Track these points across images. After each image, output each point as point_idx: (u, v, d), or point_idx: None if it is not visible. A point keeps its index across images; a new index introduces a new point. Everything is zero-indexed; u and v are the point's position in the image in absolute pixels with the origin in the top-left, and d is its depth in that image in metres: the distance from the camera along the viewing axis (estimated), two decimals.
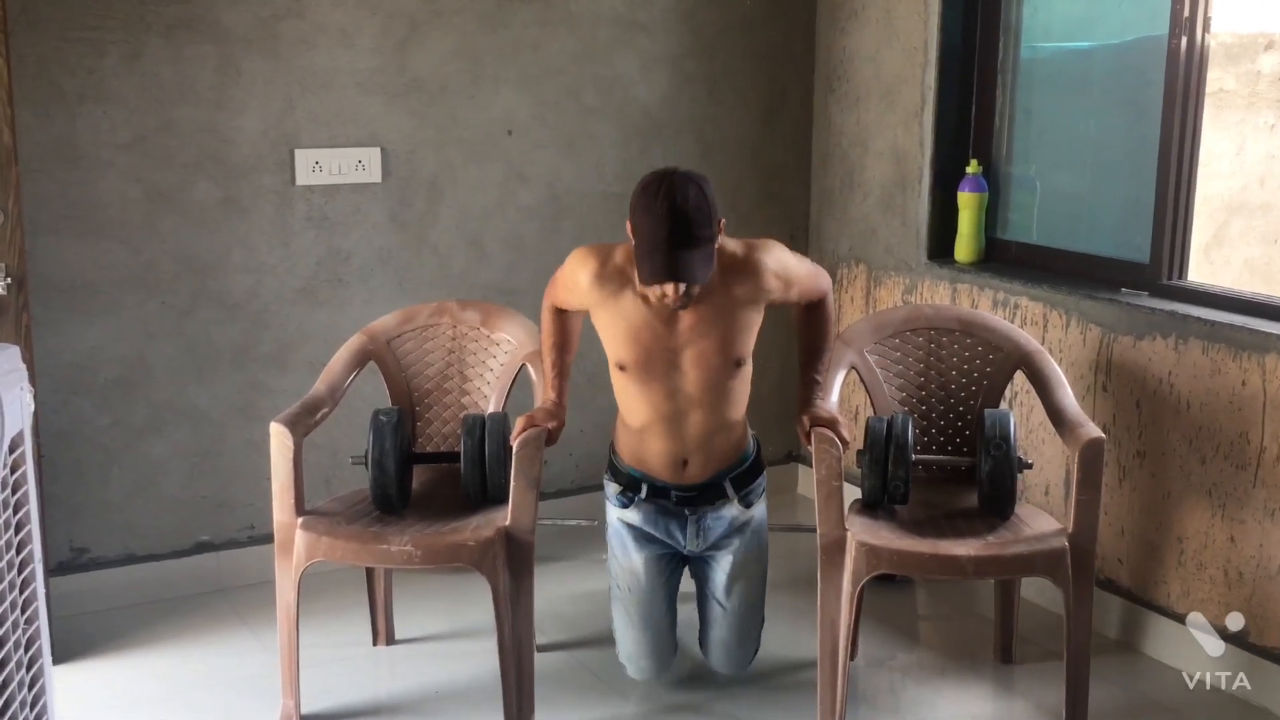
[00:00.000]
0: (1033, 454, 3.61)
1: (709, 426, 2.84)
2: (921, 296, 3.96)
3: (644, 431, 2.86)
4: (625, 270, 2.76)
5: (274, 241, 3.67)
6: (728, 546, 2.97)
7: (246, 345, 3.69)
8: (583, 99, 4.01)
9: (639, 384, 2.80)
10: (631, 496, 2.92)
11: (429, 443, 3.33)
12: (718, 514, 2.94)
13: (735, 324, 2.77)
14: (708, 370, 2.77)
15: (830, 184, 4.30)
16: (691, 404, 2.81)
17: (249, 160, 3.61)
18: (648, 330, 2.75)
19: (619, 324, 2.77)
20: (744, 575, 3.00)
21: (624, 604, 3.04)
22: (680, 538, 2.96)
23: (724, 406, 2.84)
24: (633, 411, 2.86)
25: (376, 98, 3.73)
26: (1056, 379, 3.16)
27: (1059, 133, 3.84)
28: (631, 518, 2.94)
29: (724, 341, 2.76)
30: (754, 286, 2.79)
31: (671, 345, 2.76)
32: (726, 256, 2.79)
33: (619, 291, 2.77)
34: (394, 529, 2.96)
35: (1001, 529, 2.99)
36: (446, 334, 3.37)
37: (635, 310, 2.76)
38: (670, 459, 2.87)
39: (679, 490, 2.90)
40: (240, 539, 3.77)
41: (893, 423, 3.02)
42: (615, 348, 2.79)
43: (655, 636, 3.05)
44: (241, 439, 3.71)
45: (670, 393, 2.79)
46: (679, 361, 2.77)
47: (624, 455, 2.94)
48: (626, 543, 2.96)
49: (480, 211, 3.93)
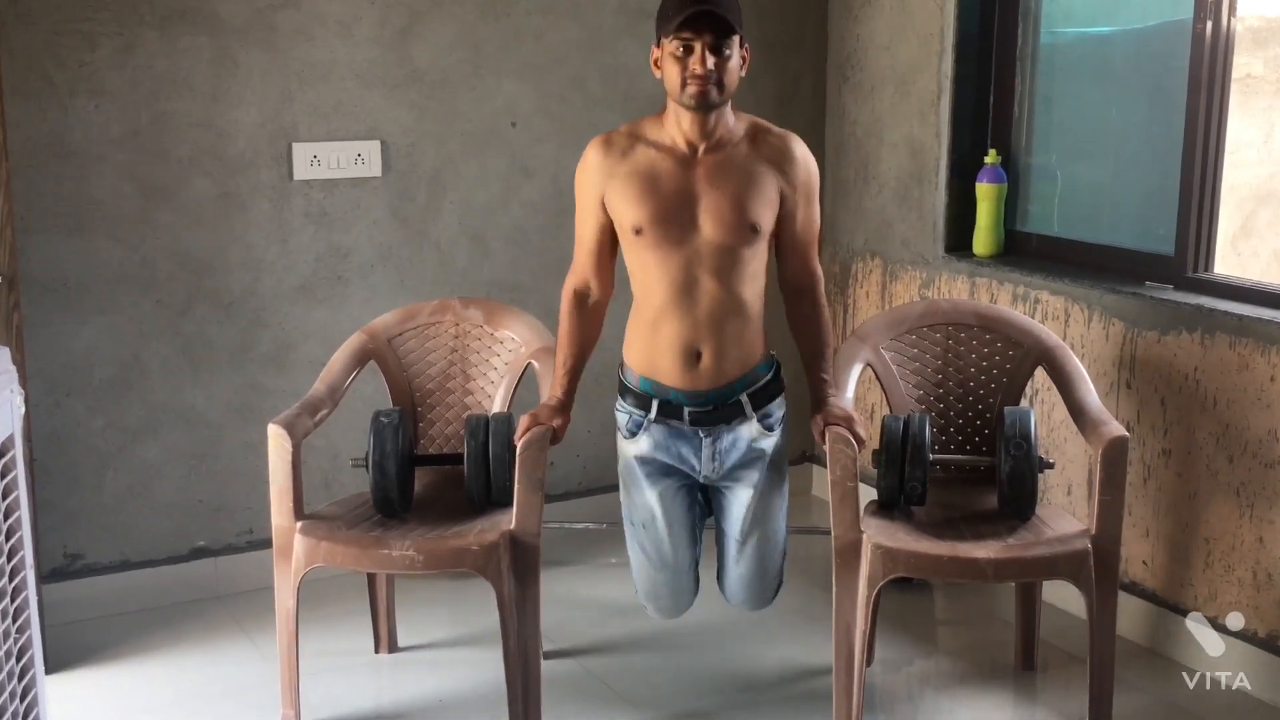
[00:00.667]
0: (1054, 453, 3.60)
1: (722, 303, 2.78)
2: (939, 291, 3.96)
3: (658, 314, 2.80)
4: (632, 131, 2.83)
5: (272, 238, 3.68)
6: (745, 479, 2.91)
7: (244, 345, 3.70)
8: (588, 89, 4.01)
9: (655, 248, 2.76)
10: (641, 419, 2.88)
11: (431, 444, 3.33)
12: (734, 435, 2.88)
13: (752, 181, 2.78)
14: (722, 227, 2.75)
15: (844, 176, 4.30)
16: (705, 271, 2.76)
17: (245, 155, 3.61)
18: (664, 176, 2.76)
19: (634, 180, 2.78)
20: (763, 510, 2.94)
21: (639, 541, 2.97)
22: (694, 462, 2.89)
23: (737, 280, 2.79)
24: (648, 288, 2.80)
25: (376, 90, 3.73)
26: (1078, 375, 3.15)
27: (1080, 121, 3.84)
28: (642, 446, 2.88)
29: (739, 197, 2.75)
30: (780, 160, 2.81)
31: (687, 190, 2.75)
32: (761, 127, 2.85)
33: (630, 149, 2.81)
34: (395, 533, 2.96)
35: (1022, 530, 2.98)
36: (449, 332, 3.37)
37: (649, 159, 2.78)
38: (683, 348, 2.80)
39: (692, 404, 2.84)
40: (238, 544, 3.77)
41: (909, 421, 3.01)
42: (631, 210, 2.77)
43: (674, 575, 2.98)
44: (239, 441, 3.72)
45: (686, 258, 2.76)
46: (694, 214, 2.76)
47: (633, 362, 2.88)
48: (638, 477, 2.91)
49: (483, 206, 3.93)
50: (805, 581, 3.65)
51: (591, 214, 2.86)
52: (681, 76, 2.71)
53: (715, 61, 2.71)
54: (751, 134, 2.83)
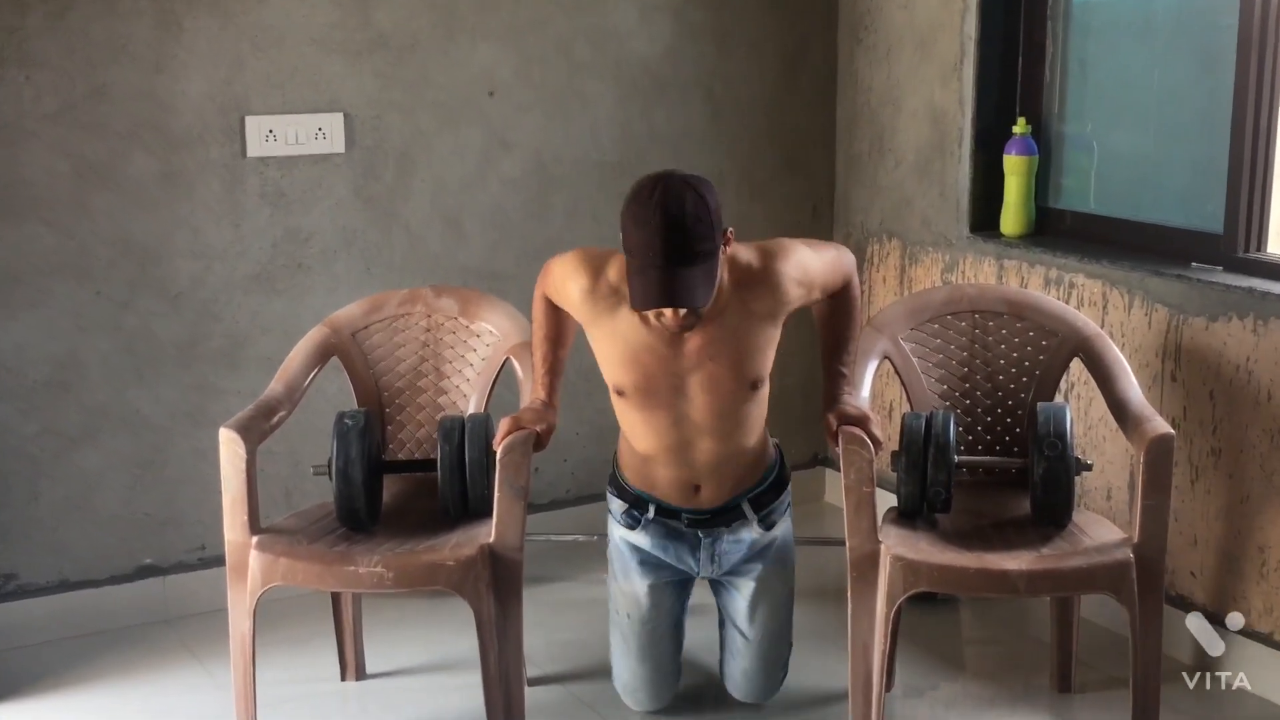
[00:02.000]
0: (1092, 453, 3.59)
1: (721, 454, 2.85)
2: (963, 275, 3.95)
3: (648, 458, 2.87)
4: (621, 286, 2.75)
5: (223, 222, 3.67)
6: (748, 572, 2.99)
7: (193, 340, 3.69)
8: (574, 54, 3.99)
9: (640, 411, 2.80)
10: (638, 516, 2.92)
11: (401, 449, 3.33)
12: (735, 537, 2.95)
13: (751, 343, 2.77)
14: (719, 396, 2.77)
15: (858, 149, 4.29)
16: (700, 432, 2.81)
17: (193, 129, 3.60)
18: (648, 353, 2.74)
19: (615, 345, 2.76)
20: (767, 602, 3.02)
21: (622, 631, 3.06)
22: (692, 563, 2.97)
23: (738, 433, 2.84)
24: (636, 438, 2.87)
25: (337, 56, 3.72)
26: (1119, 367, 3.15)
27: (1119, 85, 3.83)
28: (638, 540, 2.95)
29: (738, 364, 2.76)
30: (773, 300, 2.78)
31: (676, 369, 2.76)
32: (740, 268, 2.78)
33: (614, 309, 2.76)
34: (362, 548, 2.96)
35: (1057, 539, 2.98)
36: (420, 325, 3.36)
37: (633, 330, 2.75)
38: (680, 485, 2.88)
39: (691, 513, 2.90)
40: (189, 561, 3.76)
41: (932, 420, 3.01)
42: (612, 371, 2.79)
43: (655, 670, 3.07)
44: (189, 447, 3.71)
45: (676, 421, 2.79)
46: (685, 387, 2.77)
47: (628, 475, 2.94)
48: (629, 566, 2.97)
49: (458, 185, 3.92)
50: (818, 598, 3.65)
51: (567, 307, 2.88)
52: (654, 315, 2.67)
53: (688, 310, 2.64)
54: (734, 283, 2.75)
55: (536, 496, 4.09)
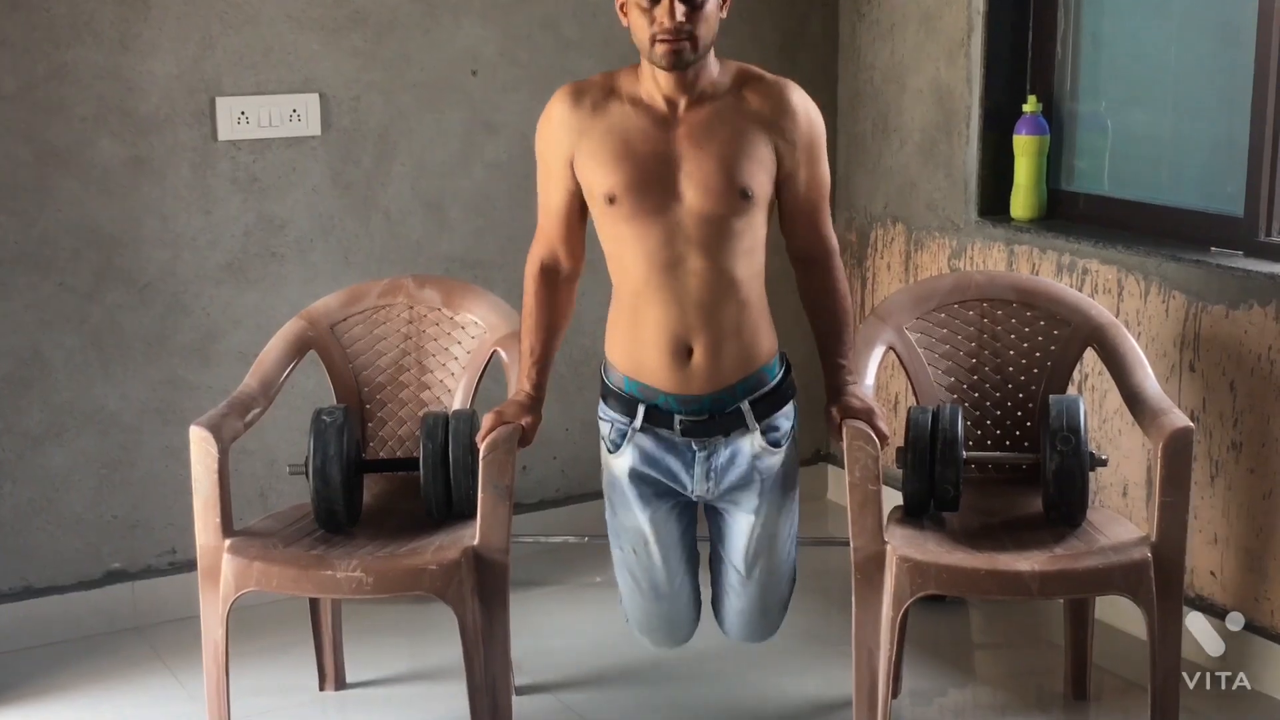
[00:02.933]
0: (1107, 448, 3.59)
1: (713, 283, 2.76)
2: (971, 262, 3.95)
3: (638, 300, 2.78)
4: (604, 83, 2.80)
5: (193, 209, 3.66)
6: (745, 504, 2.89)
7: (162, 334, 3.68)
8: (561, 31, 3.99)
9: (631, 220, 2.75)
10: (625, 427, 2.85)
11: (382, 447, 3.32)
12: (732, 447, 2.85)
13: (741, 141, 2.76)
14: (708, 195, 2.73)
15: (860, 130, 4.28)
16: (690, 246, 2.74)
17: (161, 111, 3.59)
18: (640, 137, 2.75)
19: (607, 142, 2.76)
20: (768, 539, 2.92)
21: (629, 567, 2.97)
22: (685, 479, 2.87)
23: (729, 256, 2.76)
24: (625, 268, 2.79)
25: (312, 34, 3.71)
26: (1134, 358, 3.15)
27: (1134, 62, 3.82)
28: (628, 460, 2.87)
29: (726, 160, 2.74)
30: (773, 112, 2.79)
31: (667, 155, 2.74)
32: (752, 75, 2.82)
33: (602, 105, 2.79)
34: (341, 551, 2.95)
35: (1071, 539, 2.97)
36: (401, 316, 3.36)
37: (624, 117, 2.77)
38: (670, 341, 2.77)
39: (684, 409, 2.81)
40: (159, 566, 3.75)
41: (939, 414, 3.01)
42: (604, 176, 2.76)
43: (671, 604, 2.99)
44: (159, 446, 3.70)
45: (668, 231, 2.73)
46: (675, 182, 2.74)
47: (616, 359, 2.86)
48: (628, 497, 2.90)
49: (440, 169, 3.91)
50: (821, 600, 3.65)
51: (558, 177, 2.83)
52: (649, 31, 2.68)
53: (686, 11, 2.66)
54: (739, 83, 2.80)
55: (524, 496, 4.08)
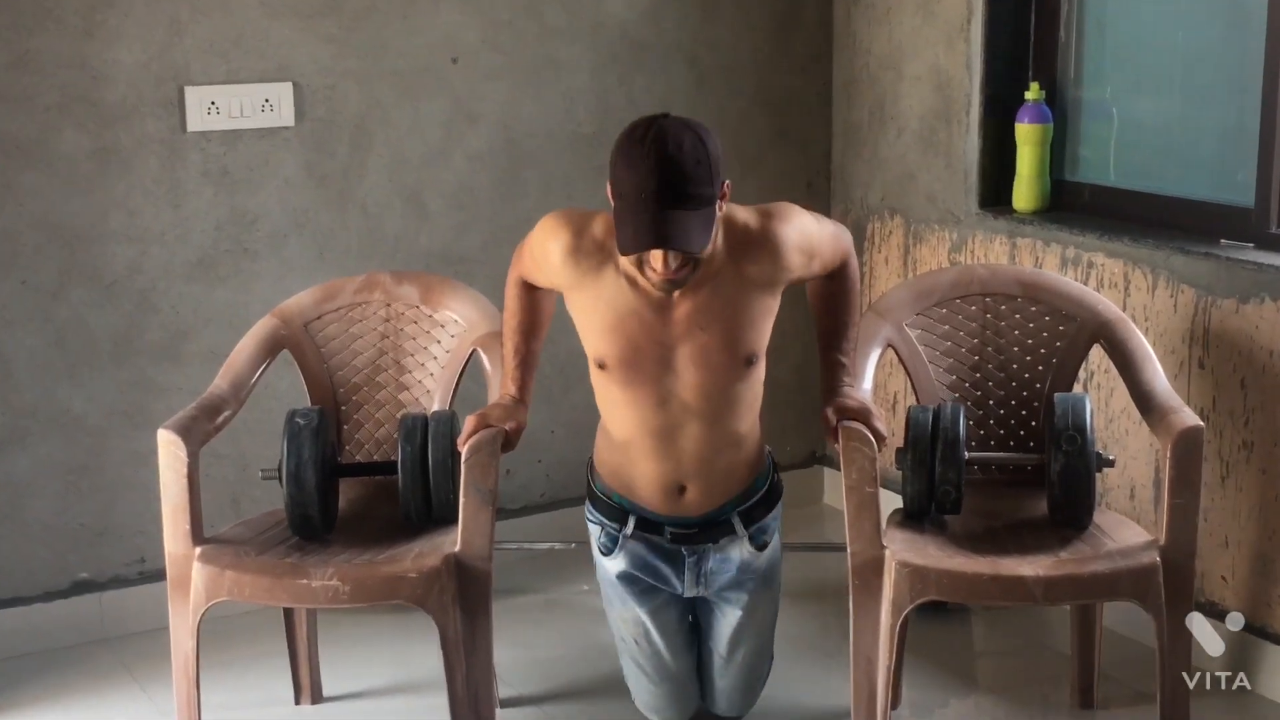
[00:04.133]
0: (1114, 448, 3.60)
1: (711, 444, 2.83)
2: (973, 255, 3.95)
3: (629, 447, 2.85)
4: (606, 243, 2.74)
5: (161, 203, 3.65)
6: (734, 600, 2.99)
7: (129, 333, 3.68)
8: (545, 17, 3.99)
9: (622, 387, 2.78)
10: (615, 535, 2.91)
11: (358, 450, 3.32)
12: (723, 555, 2.94)
13: (746, 312, 2.76)
14: (709, 371, 2.75)
15: (857, 118, 4.29)
16: (688, 414, 2.79)
17: (127, 101, 3.59)
18: (634, 319, 2.73)
19: (598, 310, 2.75)
20: (752, 629, 3.03)
21: (633, 656, 3.07)
22: (675, 582, 2.97)
23: (729, 418, 2.82)
24: (615, 421, 2.85)
25: (286, 20, 3.71)
26: (1142, 354, 3.15)
27: (1141, 47, 3.83)
28: (620, 564, 2.94)
29: (731, 335, 2.75)
30: (772, 266, 2.77)
31: (664, 339, 2.75)
32: (737, 229, 2.77)
33: (599, 269, 2.75)
34: (316, 559, 2.95)
35: (1077, 542, 2.98)
36: (378, 314, 3.36)
37: (619, 293, 2.74)
38: (662, 484, 2.85)
39: (674, 525, 2.88)
40: (128, 575, 3.76)
41: (940, 413, 3.01)
42: (594, 340, 2.78)
43: (676, 686, 3.08)
44: (126, 451, 3.70)
45: (661, 400, 2.78)
46: (673, 360, 2.76)
47: (606, 476, 2.93)
48: (623, 594, 3.00)
49: (419, 160, 3.91)
50: (817, 607, 3.66)
51: (545, 275, 2.87)
52: (640, 268, 2.66)
53: (683, 258, 2.62)
54: (730, 248, 2.74)
55: (508, 501, 4.08)
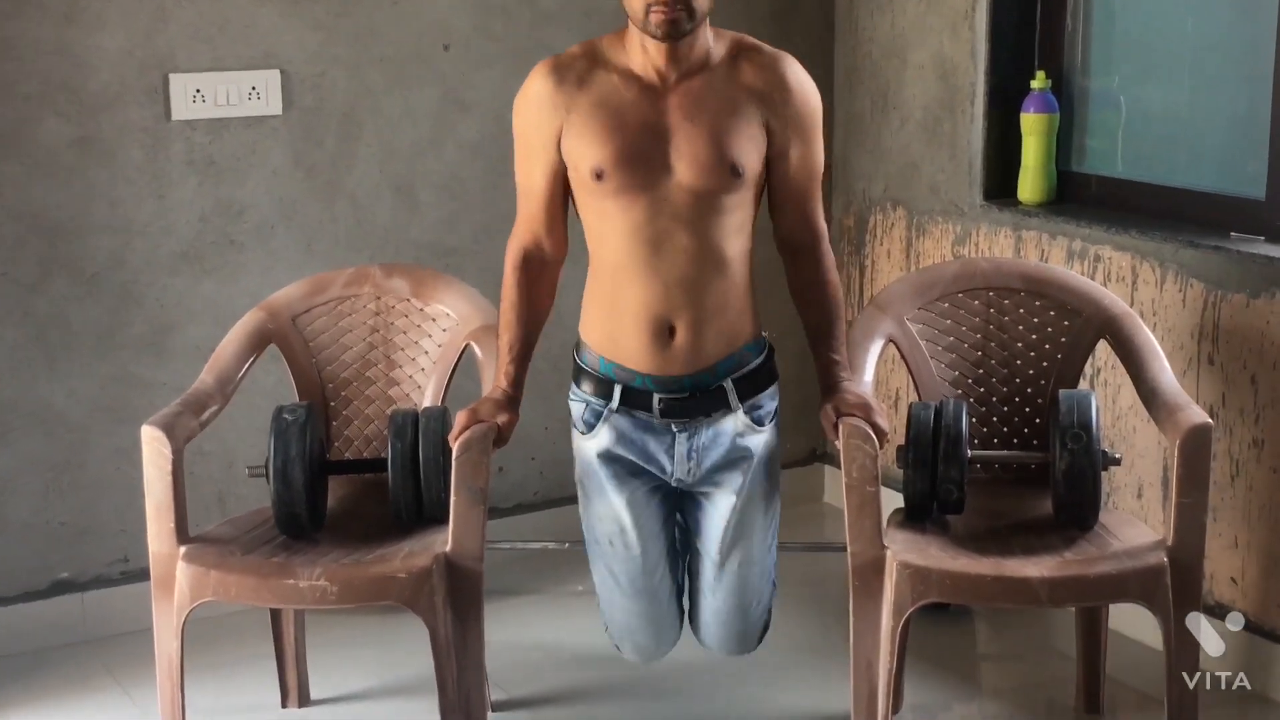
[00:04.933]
0: (1121, 446, 3.61)
1: (699, 260, 2.79)
2: (977, 248, 3.96)
3: (618, 277, 2.80)
4: (588, 52, 2.83)
5: (145, 193, 3.66)
6: (726, 483, 2.91)
7: (112, 327, 3.68)
8: (539, 3, 4.00)
9: (617, 195, 2.77)
10: (601, 408, 2.88)
11: (348, 447, 3.32)
12: (715, 430, 2.88)
13: (733, 114, 2.80)
14: (698, 169, 2.76)
15: (858, 107, 4.29)
16: (678, 223, 2.77)
17: (110, 89, 3.59)
18: (630, 109, 2.78)
19: (595, 117, 2.79)
20: (747, 522, 2.94)
21: (606, 562, 2.98)
22: (664, 461, 2.89)
23: (717, 233, 2.80)
24: (606, 243, 2.81)
25: (273, 6, 3.71)
26: (1150, 350, 3.16)
27: (1149, 34, 3.83)
28: (602, 440, 2.89)
29: (716, 132, 2.78)
30: (767, 86, 2.82)
31: (657, 126, 2.77)
32: (746, 44, 2.87)
33: (587, 74, 2.81)
34: (304, 559, 2.95)
35: (1082, 542, 2.99)
36: (368, 308, 3.36)
37: (612, 89, 2.80)
38: (651, 320, 2.80)
39: (663, 389, 2.84)
40: (110, 575, 3.76)
41: (942, 410, 3.02)
42: (592, 147, 2.78)
43: (652, 602, 2.99)
44: (109, 447, 3.70)
45: (654, 204, 2.76)
46: (665, 157, 2.77)
47: (591, 340, 2.88)
48: (601, 479, 2.91)
49: (410, 150, 3.92)
50: (816, 609, 3.66)
51: (541, 156, 2.84)
52: (643, 1, 2.69)
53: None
54: (734, 54, 2.84)
55: (501, 499, 4.09)
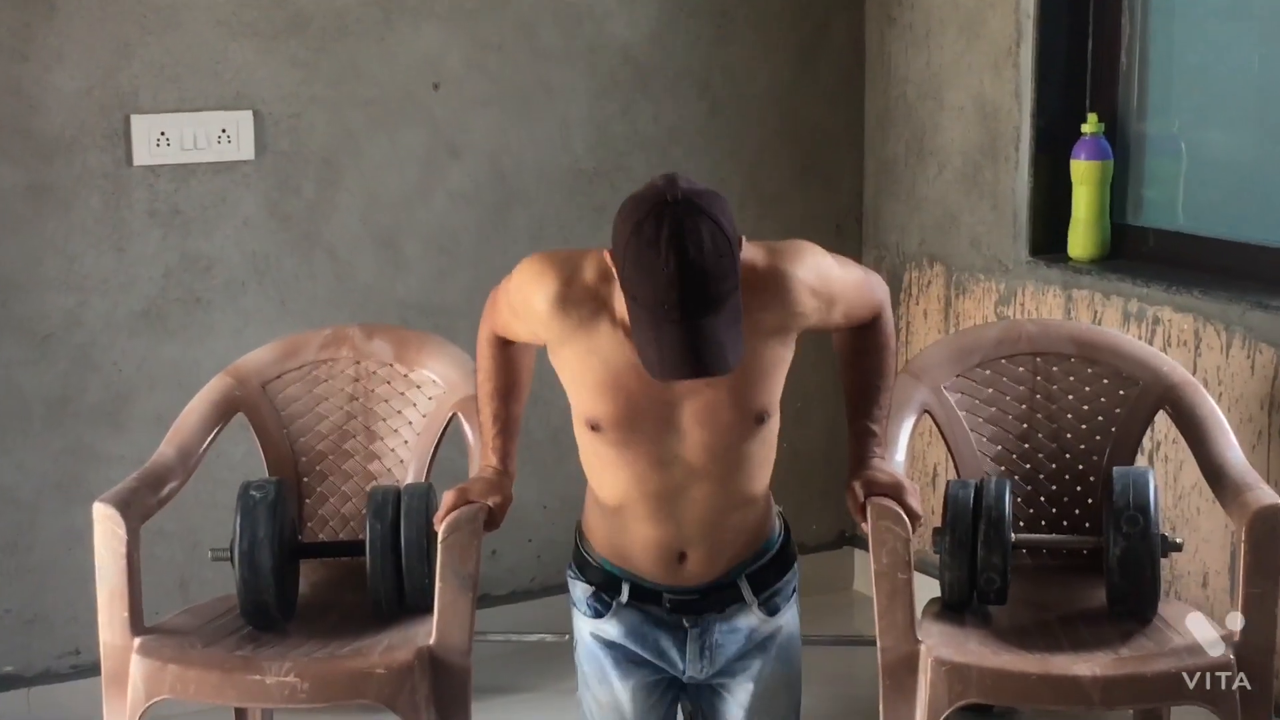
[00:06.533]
0: (1183, 529, 3.59)
1: (716, 507, 2.80)
2: (1022, 309, 3.96)
3: (622, 512, 2.82)
4: (600, 290, 2.73)
5: (104, 246, 3.67)
6: (744, 671, 2.91)
7: (66, 394, 3.69)
8: (538, 38, 4.01)
9: (618, 449, 2.76)
10: (608, 601, 2.88)
11: (322, 528, 3.33)
12: (730, 625, 2.89)
13: (756, 365, 2.74)
14: (716, 430, 2.74)
15: (891, 153, 4.30)
16: (693, 477, 2.77)
17: (66, 132, 3.61)
18: (632, 374, 2.71)
19: (591, 367, 2.74)
20: (770, 710, 2.93)
21: None
22: (676, 658, 2.90)
23: (738, 479, 2.80)
24: (606, 485, 2.82)
25: (246, 41, 3.73)
26: (1214, 422, 3.15)
27: (1212, 72, 3.84)
28: (608, 631, 2.90)
29: (740, 390, 2.73)
30: (782, 310, 2.76)
31: (666, 395, 2.73)
32: (743, 270, 2.75)
33: (591, 319, 2.73)
34: (272, 652, 2.95)
35: (1139, 637, 2.98)
36: (346, 373, 3.37)
37: (615, 346, 2.72)
38: (661, 552, 2.82)
39: (674, 593, 2.86)
40: (59, 669, 3.76)
41: (983, 489, 3.01)
42: (585, 399, 2.76)
43: None
44: (60, 527, 3.70)
45: (662, 461, 2.75)
46: (675, 418, 2.74)
47: (596, 542, 2.90)
48: (604, 667, 2.91)
49: (395, 199, 3.93)
50: (843, 709, 3.65)
51: (528, 327, 2.83)
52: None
53: None
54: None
55: (493, 587, 4.07)
